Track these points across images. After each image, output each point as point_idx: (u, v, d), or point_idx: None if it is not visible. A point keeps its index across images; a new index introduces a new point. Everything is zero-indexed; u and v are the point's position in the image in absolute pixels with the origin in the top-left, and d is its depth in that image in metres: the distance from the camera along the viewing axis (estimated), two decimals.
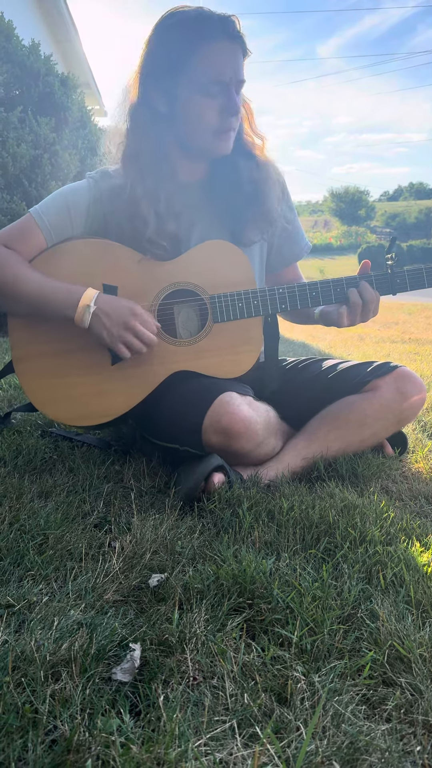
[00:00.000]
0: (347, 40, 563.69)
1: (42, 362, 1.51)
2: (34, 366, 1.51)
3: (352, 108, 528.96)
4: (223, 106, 1.45)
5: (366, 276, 1.55)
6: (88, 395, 1.51)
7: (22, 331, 1.52)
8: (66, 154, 4.35)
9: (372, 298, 1.52)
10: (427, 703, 0.73)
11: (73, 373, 1.51)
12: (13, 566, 1.03)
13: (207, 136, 1.49)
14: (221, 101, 1.45)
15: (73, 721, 0.68)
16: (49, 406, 1.52)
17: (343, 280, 1.55)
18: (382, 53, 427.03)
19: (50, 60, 4.47)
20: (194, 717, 0.70)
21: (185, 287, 1.52)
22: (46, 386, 1.51)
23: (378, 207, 55.21)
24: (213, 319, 1.53)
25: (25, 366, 1.52)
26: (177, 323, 1.54)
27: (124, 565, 1.04)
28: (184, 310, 1.54)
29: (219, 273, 1.54)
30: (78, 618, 0.86)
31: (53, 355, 1.50)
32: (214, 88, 1.43)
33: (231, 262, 1.55)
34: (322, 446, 1.54)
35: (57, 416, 1.54)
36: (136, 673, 0.78)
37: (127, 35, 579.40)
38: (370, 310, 1.54)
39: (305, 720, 0.70)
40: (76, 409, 1.52)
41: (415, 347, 4.41)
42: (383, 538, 1.14)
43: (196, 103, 1.45)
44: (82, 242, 1.54)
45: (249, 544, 1.13)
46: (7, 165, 3.81)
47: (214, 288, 1.53)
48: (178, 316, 1.54)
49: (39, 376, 1.51)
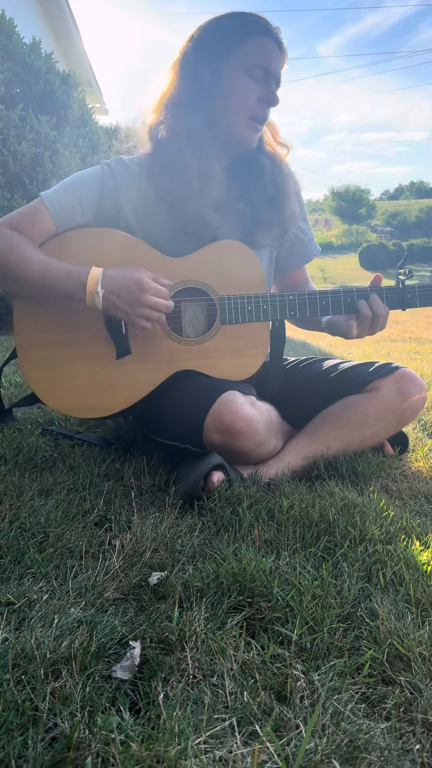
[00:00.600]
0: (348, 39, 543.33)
1: (46, 352, 1.49)
2: (38, 355, 1.50)
3: (353, 107, 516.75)
4: (263, 92, 1.50)
5: (377, 289, 1.55)
6: (90, 388, 1.50)
7: (27, 320, 1.50)
8: (67, 152, 4.35)
9: (381, 312, 1.52)
10: (426, 701, 0.73)
11: (76, 365, 1.49)
12: (13, 564, 1.03)
13: (240, 119, 1.51)
14: (262, 88, 1.50)
15: (73, 718, 0.68)
16: (50, 396, 1.51)
17: (353, 292, 1.55)
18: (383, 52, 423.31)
19: (51, 58, 4.47)
20: (194, 715, 0.70)
21: (195, 285, 1.52)
22: (49, 376, 1.50)
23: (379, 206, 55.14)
24: (221, 320, 1.52)
25: (28, 355, 1.50)
26: (183, 320, 1.54)
27: (125, 563, 1.04)
28: (191, 307, 1.54)
29: (230, 273, 1.53)
30: (78, 616, 0.87)
31: (57, 345, 1.49)
32: (258, 72, 1.48)
33: (242, 263, 1.54)
34: (322, 446, 1.54)
35: (57, 407, 1.53)
36: (136, 671, 0.78)
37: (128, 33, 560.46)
38: (378, 324, 1.54)
39: (305, 718, 0.70)
40: (77, 400, 1.51)
41: (416, 346, 4.41)
42: (383, 536, 1.14)
43: (240, 82, 1.49)
44: (93, 231, 1.52)
45: (249, 543, 1.13)
46: (8, 163, 3.81)
47: (224, 288, 1.52)
48: (185, 313, 1.54)
49: (42, 365, 1.50)
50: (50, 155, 4.17)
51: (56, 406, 1.53)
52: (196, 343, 1.52)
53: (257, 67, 1.48)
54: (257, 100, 1.50)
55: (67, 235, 1.50)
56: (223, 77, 1.49)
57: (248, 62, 1.47)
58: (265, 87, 1.50)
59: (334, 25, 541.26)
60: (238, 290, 1.52)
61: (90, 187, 1.52)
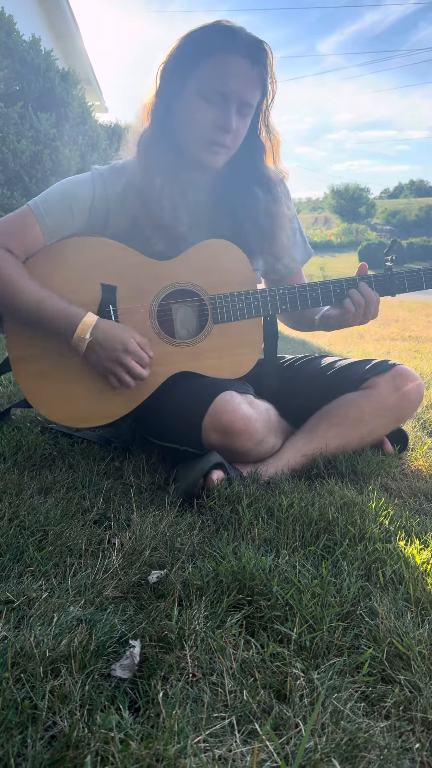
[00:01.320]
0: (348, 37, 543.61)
1: (40, 363, 1.49)
2: (32, 367, 1.49)
3: (353, 105, 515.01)
4: (217, 117, 1.43)
5: (365, 277, 1.56)
6: (88, 397, 1.49)
7: (19, 332, 1.49)
8: (66, 150, 4.34)
9: (372, 299, 1.54)
10: (426, 700, 0.73)
11: (72, 376, 1.49)
12: (12, 562, 1.03)
13: (196, 141, 1.47)
14: (216, 112, 1.43)
15: (72, 717, 0.68)
16: (48, 407, 1.51)
17: (342, 281, 1.56)
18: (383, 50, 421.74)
19: (51, 55, 4.46)
20: (193, 713, 0.70)
21: (185, 287, 1.51)
22: (45, 388, 1.49)
23: (378, 204, 55.08)
24: (213, 320, 1.52)
25: (22, 367, 1.50)
26: (175, 322, 1.53)
27: (124, 562, 1.04)
28: (182, 309, 1.54)
29: (219, 273, 1.52)
30: (77, 614, 0.86)
31: (52, 355, 1.48)
32: (213, 96, 1.42)
33: (231, 262, 1.53)
34: (321, 443, 1.54)
35: (56, 418, 1.52)
36: (135, 670, 0.78)
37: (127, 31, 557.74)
38: (370, 311, 1.55)
39: (304, 717, 0.70)
40: (75, 410, 1.51)
41: (415, 345, 4.41)
42: (382, 535, 1.14)
43: (194, 104, 1.44)
44: (81, 240, 1.51)
45: (248, 541, 1.13)
46: (8, 161, 3.80)
47: (214, 288, 1.52)
48: (176, 315, 1.54)
49: (37, 377, 1.49)
50: (50, 153, 4.16)
51: (54, 417, 1.52)
52: (189, 345, 1.52)
53: (212, 91, 1.41)
54: (211, 124, 1.43)
55: (56, 246, 1.49)
56: (184, 96, 1.45)
57: (204, 84, 1.42)
58: (220, 111, 1.42)
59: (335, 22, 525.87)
60: (228, 288, 1.52)
61: (81, 199, 1.50)
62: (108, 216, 1.54)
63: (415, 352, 3.92)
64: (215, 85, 1.41)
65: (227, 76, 1.41)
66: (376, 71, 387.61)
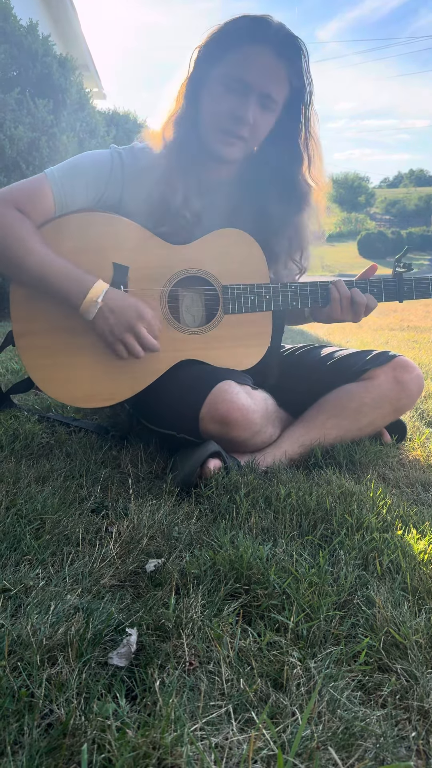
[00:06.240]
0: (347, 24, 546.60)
1: (45, 339, 1.45)
2: (37, 342, 1.45)
3: (353, 93, 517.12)
4: (235, 107, 1.40)
5: (375, 282, 1.56)
6: (93, 377, 1.46)
7: (24, 305, 1.44)
8: (64, 136, 4.30)
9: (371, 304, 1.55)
10: (422, 689, 0.74)
11: (78, 353, 1.45)
12: (9, 551, 1.03)
13: (212, 130, 1.45)
14: (235, 101, 1.40)
15: (69, 705, 0.68)
16: (51, 385, 1.47)
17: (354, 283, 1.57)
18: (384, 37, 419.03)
19: (48, 40, 4.41)
20: (190, 702, 0.70)
21: (197, 274, 1.50)
22: (49, 365, 1.46)
23: (378, 194, 54.90)
24: (224, 310, 1.51)
25: (26, 342, 1.45)
26: (181, 308, 1.52)
27: (121, 550, 1.04)
28: (188, 295, 1.53)
29: (232, 262, 1.51)
30: (74, 603, 0.86)
31: (57, 332, 1.44)
32: (233, 83, 1.40)
33: (245, 253, 1.52)
34: (319, 433, 1.54)
35: (59, 396, 1.48)
36: (132, 658, 0.78)
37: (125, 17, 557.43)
38: (361, 311, 1.55)
39: (301, 705, 0.71)
40: (79, 390, 1.47)
41: (414, 335, 4.41)
42: (380, 524, 1.14)
43: (214, 91, 1.42)
44: (97, 215, 1.47)
45: (246, 530, 1.13)
46: (5, 147, 3.77)
47: (226, 278, 1.50)
48: (183, 300, 1.52)
49: (42, 353, 1.45)
50: (47, 140, 4.12)
51: (57, 395, 1.48)
52: (199, 333, 1.51)
53: (233, 79, 1.39)
54: (228, 112, 1.41)
55: (69, 219, 1.45)
56: (207, 84, 1.43)
57: (226, 72, 1.40)
58: (239, 101, 1.40)
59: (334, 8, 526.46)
60: (241, 279, 1.51)
61: (98, 176, 1.48)
62: (122, 194, 1.51)
63: (413, 342, 3.92)
64: (236, 72, 1.39)
65: (249, 65, 1.39)
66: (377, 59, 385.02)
